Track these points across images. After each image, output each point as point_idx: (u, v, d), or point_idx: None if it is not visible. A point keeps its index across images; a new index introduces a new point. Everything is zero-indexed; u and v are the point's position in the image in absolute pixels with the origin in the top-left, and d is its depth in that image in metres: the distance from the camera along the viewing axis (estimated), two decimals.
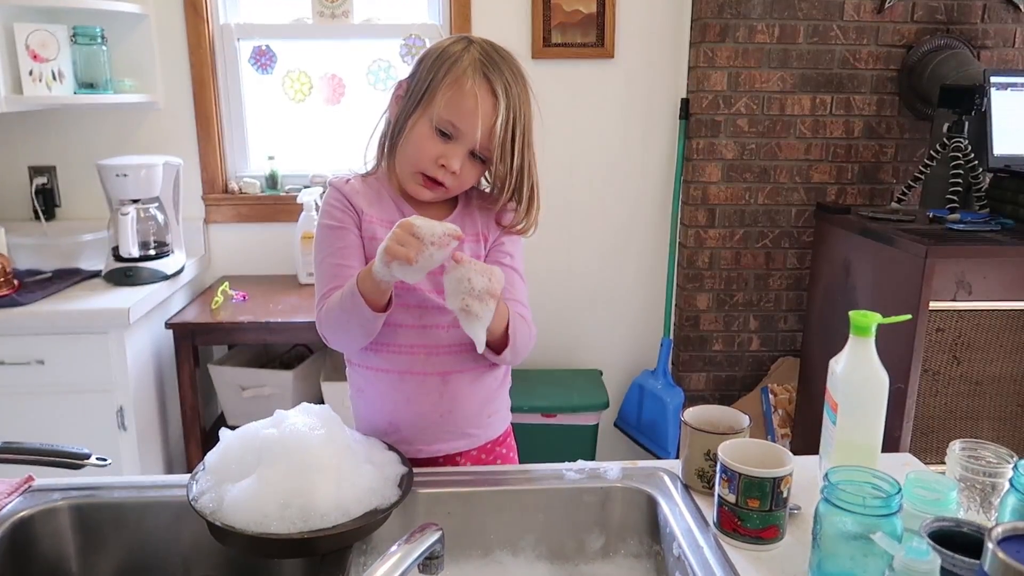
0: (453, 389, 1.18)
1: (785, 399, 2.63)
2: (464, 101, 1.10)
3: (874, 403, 1.02)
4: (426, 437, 1.20)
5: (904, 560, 0.68)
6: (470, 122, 1.10)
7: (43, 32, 2.21)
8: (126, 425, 2.06)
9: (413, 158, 1.14)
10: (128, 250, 2.18)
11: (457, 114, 1.10)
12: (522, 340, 1.14)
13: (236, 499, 0.91)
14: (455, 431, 1.21)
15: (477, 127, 1.10)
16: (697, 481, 1.08)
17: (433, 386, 1.18)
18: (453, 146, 1.12)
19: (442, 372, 1.18)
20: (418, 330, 1.16)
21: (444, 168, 1.12)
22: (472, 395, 1.21)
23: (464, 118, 1.10)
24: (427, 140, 1.12)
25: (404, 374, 1.17)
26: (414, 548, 0.77)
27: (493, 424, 1.26)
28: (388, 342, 1.16)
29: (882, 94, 2.55)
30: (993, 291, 1.96)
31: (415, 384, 1.17)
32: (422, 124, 1.13)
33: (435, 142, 1.12)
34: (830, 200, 2.61)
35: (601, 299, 2.77)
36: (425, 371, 1.17)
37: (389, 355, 1.17)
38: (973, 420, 2.06)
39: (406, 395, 1.18)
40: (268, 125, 2.67)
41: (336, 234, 1.17)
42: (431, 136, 1.12)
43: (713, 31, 2.47)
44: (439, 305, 1.12)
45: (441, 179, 1.13)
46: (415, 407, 1.18)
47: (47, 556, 1.04)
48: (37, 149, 2.54)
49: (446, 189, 1.15)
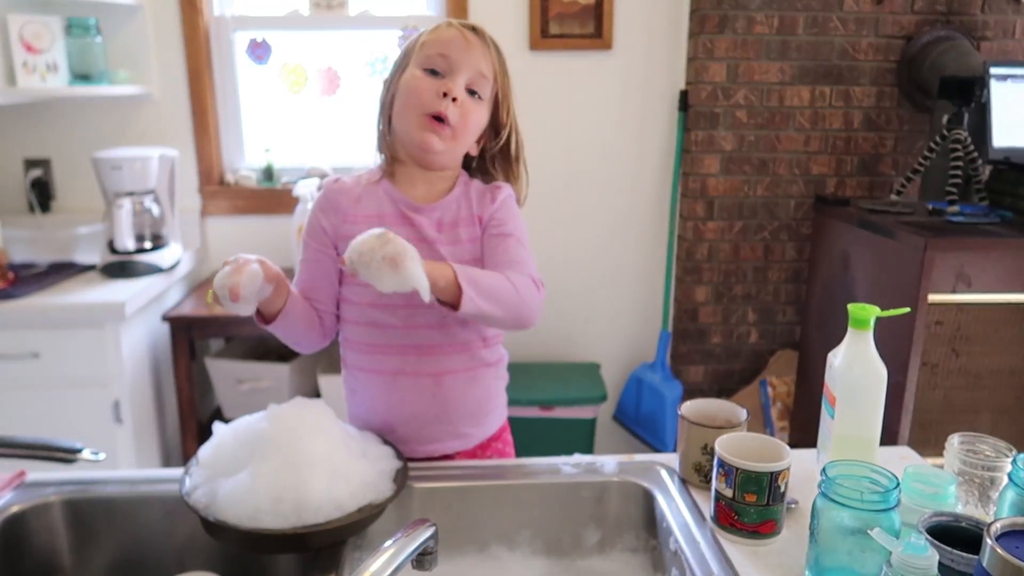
0: (447, 390, 1.16)
1: (783, 392, 2.63)
2: (447, 34, 1.13)
3: (872, 397, 1.01)
4: (421, 438, 1.18)
5: (902, 556, 0.68)
6: (459, 49, 1.11)
7: (37, 23, 2.20)
8: (122, 419, 2.05)
9: (412, 104, 1.12)
10: (124, 243, 2.17)
11: (444, 45, 1.12)
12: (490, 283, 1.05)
13: (229, 494, 0.90)
14: (451, 431, 1.20)
15: (468, 52, 1.11)
16: (694, 475, 1.07)
17: (426, 387, 1.16)
18: (448, 78, 1.11)
19: (435, 373, 1.15)
20: (406, 330, 1.14)
21: (446, 96, 1.10)
22: (467, 396, 1.19)
23: (451, 46, 1.12)
24: (419, 81, 1.12)
25: (396, 375, 1.16)
26: (407, 544, 0.77)
27: (489, 422, 1.25)
28: (377, 343, 1.15)
29: (881, 86, 2.54)
30: (992, 284, 1.95)
31: (408, 385, 1.16)
32: (410, 73, 1.13)
33: (429, 80, 1.11)
34: (829, 192, 2.60)
35: (599, 292, 2.77)
36: (417, 372, 1.15)
37: (379, 356, 1.16)
38: (972, 413, 2.05)
39: (399, 396, 1.16)
40: (264, 117, 2.66)
41: (306, 244, 1.20)
42: (423, 77, 1.12)
43: (712, 22, 2.45)
44: (426, 304, 1.09)
45: (445, 111, 1.10)
46: (409, 408, 1.17)
47: (39, 551, 1.04)
48: (32, 141, 2.52)
49: (453, 131, 1.12)
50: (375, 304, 1.13)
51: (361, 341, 1.17)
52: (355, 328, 1.18)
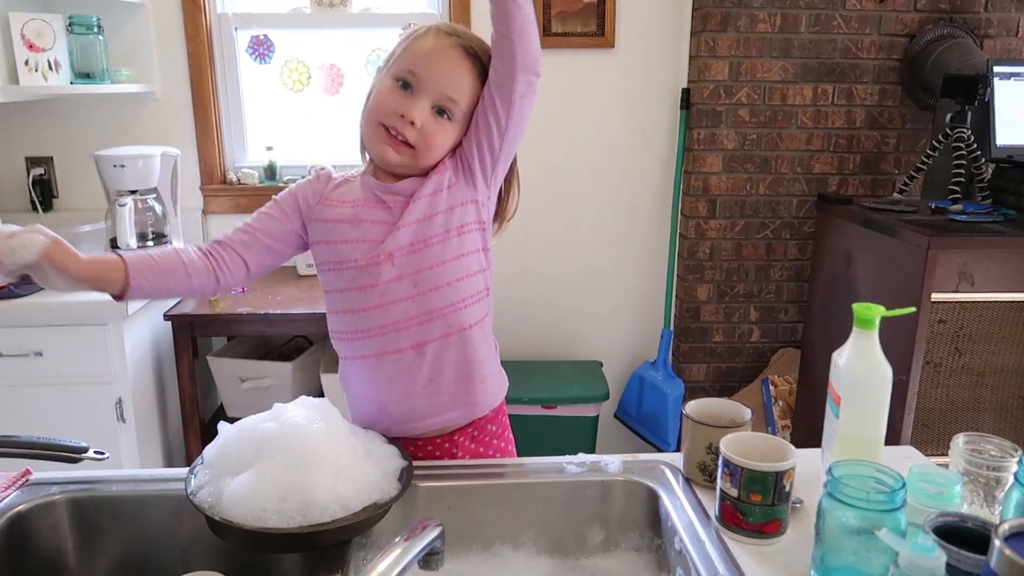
0: (431, 358, 1.16)
1: (785, 390, 2.63)
2: (421, 46, 1.11)
3: (877, 396, 1.01)
4: (417, 413, 1.18)
5: (910, 556, 0.68)
6: (429, 68, 1.10)
7: (39, 21, 2.20)
8: (125, 417, 2.05)
9: (374, 113, 1.12)
10: (126, 241, 2.17)
11: (415, 61, 1.10)
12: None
13: (234, 493, 0.90)
14: (445, 402, 1.18)
15: (437, 74, 1.09)
16: (699, 474, 1.07)
17: (411, 360, 1.16)
18: (414, 97, 1.10)
19: (415, 344, 1.15)
20: (381, 310, 1.14)
21: (403, 118, 1.09)
22: (453, 360, 1.17)
23: (422, 64, 1.10)
24: (388, 93, 1.11)
25: (380, 355, 1.15)
26: (414, 544, 0.77)
27: (487, 392, 1.22)
28: (358, 328, 1.16)
29: (884, 84, 2.54)
30: (995, 282, 1.95)
31: (393, 363, 1.16)
32: (384, 81, 1.13)
33: (396, 94, 1.11)
34: (831, 191, 2.60)
35: (601, 290, 2.77)
36: (399, 347, 1.15)
37: (362, 342, 1.16)
38: (974, 412, 2.05)
39: (388, 376, 1.16)
40: (266, 115, 2.66)
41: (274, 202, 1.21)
42: (393, 89, 1.11)
43: (714, 20, 2.45)
44: (393, 279, 1.12)
45: (402, 131, 1.10)
46: (398, 385, 1.16)
47: (45, 550, 1.04)
48: (34, 140, 2.52)
49: (413, 150, 1.11)
50: (351, 288, 1.15)
51: (345, 330, 1.18)
52: (337, 318, 1.19)
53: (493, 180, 1.18)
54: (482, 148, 1.14)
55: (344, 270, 1.15)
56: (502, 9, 1.06)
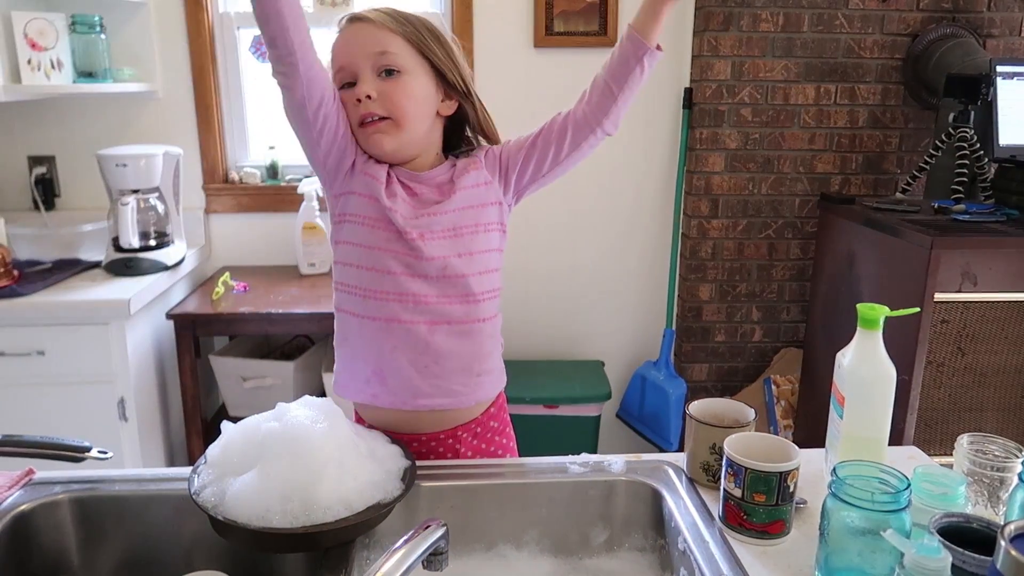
0: (439, 340, 1.16)
1: (788, 390, 2.63)
2: (336, 44, 1.16)
3: (881, 397, 1.01)
4: (411, 389, 1.17)
5: (915, 557, 0.67)
6: (345, 52, 1.13)
7: (41, 20, 2.20)
8: (127, 416, 2.05)
9: (351, 123, 1.16)
10: (128, 240, 2.17)
11: (336, 58, 1.15)
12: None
13: (238, 493, 0.90)
14: (441, 387, 1.18)
15: (353, 49, 1.12)
16: (702, 475, 1.07)
17: (419, 335, 1.15)
18: (357, 84, 1.13)
19: (429, 321, 1.15)
20: (406, 278, 1.14)
21: (360, 102, 1.12)
22: (458, 349, 1.18)
23: (339, 56, 1.14)
24: (343, 100, 1.14)
25: (391, 322, 1.15)
26: (418, 544, 0.77)
27: (483, 385, 1.23)
28: (374, 288, 1.15)
29: (887, 83, 2.53)
30: (998, 282, 1.95)
31: (401, 333, 1.15)
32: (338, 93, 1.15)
33: (347, 95, 1.14)
34: (834, 190, 2.60)
35: (603, 290, 2.76)
36: (412, 319, 1.15)
37: (376, 302, 1.15)
38: (977, 412, 2.05)
39: (392, 344, 1.16)
40: (268, 114, 2.65)
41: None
42: (343, 94, 1.14)
43: (717, 19, 2.45)
44: (426, 258, 1.14)
45: (369, 112, 1.12)
46: (400, 356, 1.16)
47: (48, 549, 1.04)
48: (36, 139, 2.52)
49: (391, 121, 1.13)
50: (380, 247, 1.15)
51: (359, 285, 1.17)
52: (354, 271, 1.17)
53: (520, 193, 1.24)
54: (528, 164, 1.22)
55: (378, 228, 1.15)
56: (625, 69, 1.16)
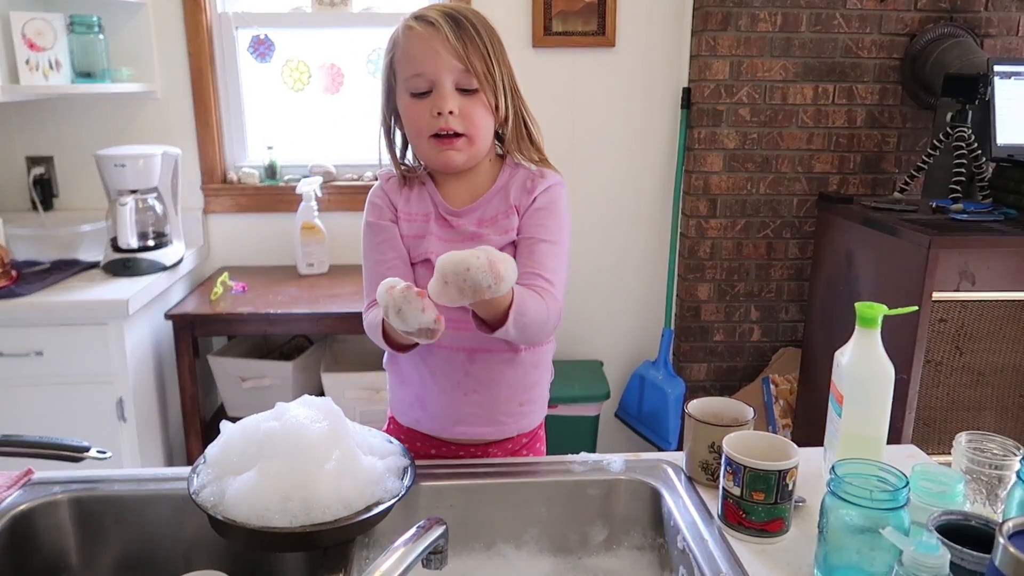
0: (479, 368, 1.16)
1: (786, 390, 2.63)
2: (412, 47, 1.10)
3: (880, 395, 1.01)
4: (451, 416, 1.18)
5: (914, 555, 0.68)
6: (428, 61, 1.09)
7: (40, 21, 2.19)
8: (126, 416, 2.05)
9: (416, 130, 1.13)
10: (127, 241, 2.17)
11: (414, 64, 1.10)
12: (533, 316, 1.04)
13: (237, 492, 0.90)
14: (482, 415, 1.18)
15: (437, 61, 1.08)
16: (701, 473, 1.07)
17: (459, 362, 1.16)
18: (436, 93, 1.10)
19: (468, 348, 1.15)
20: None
21: (441, 115, 1.09)
22: (500, 378, 1.17)
23: (421, 63, 1.09)
24: (413, 108, 1.12)
25: (432, 346, 1.13)
26: (418, 543, 0.77)
27: (526, 416, 1.23)
28: None
29: (885, 83, 2.54)
30: (996, 281, 1.95)
31: (442, 358, 1.16)
32: (403, 99, 1.13)
33: (420, 104, 1.11)
34: (832, 190, 2.60)
35: (602, 289, 2.76)
36: (452, 345, 1.15)
37: None
38: (975, 411, 2.05)
39: (432, 368, 1.17)
40: (267, 115, 2.65)
41: (373, 230, 1.18)
42: (414, 103, 1.11)
43: (715, 19, 2.45)
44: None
45: (448, 127, 1.10)
46: (440, 382, 1.17)
47: (47, 549, 1.04)
48: (34, 139, 2.52)
49: (467, 139, 1.12)
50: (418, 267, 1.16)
51: None
52: None
53: None
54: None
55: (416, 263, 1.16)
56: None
